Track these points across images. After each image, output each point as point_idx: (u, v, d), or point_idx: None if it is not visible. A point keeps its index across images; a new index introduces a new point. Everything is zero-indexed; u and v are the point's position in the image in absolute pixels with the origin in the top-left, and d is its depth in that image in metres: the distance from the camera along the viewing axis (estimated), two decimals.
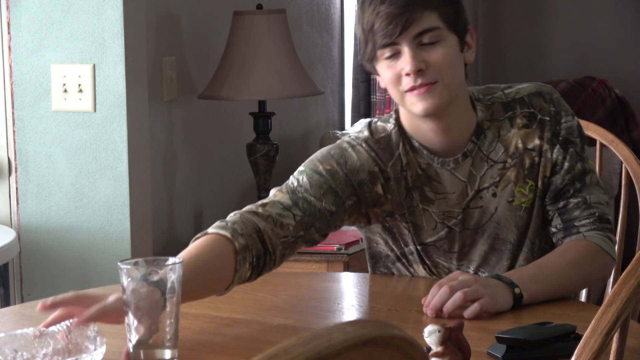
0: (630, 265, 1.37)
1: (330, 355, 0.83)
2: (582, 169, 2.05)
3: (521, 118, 2.06)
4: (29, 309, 1.98)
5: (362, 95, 4.92)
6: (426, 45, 1.95)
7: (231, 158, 3.80)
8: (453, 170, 2.05)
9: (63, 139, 3.01)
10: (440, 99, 1.95)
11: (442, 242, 2.07)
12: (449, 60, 1.96)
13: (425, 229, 2.07)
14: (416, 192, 2.06)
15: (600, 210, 2.04)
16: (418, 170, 2.05)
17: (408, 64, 1.94)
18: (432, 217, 2.06)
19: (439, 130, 2.02)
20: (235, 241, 1.84)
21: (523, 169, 2.05)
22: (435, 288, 1.83)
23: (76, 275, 3.03)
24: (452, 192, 2.05)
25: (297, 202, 1.97)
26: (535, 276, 1.90)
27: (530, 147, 2.05)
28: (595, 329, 1.32)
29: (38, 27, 3.00)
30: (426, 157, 2.05)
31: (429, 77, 1.94)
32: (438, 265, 2.09)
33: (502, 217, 2.05)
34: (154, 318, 1.57)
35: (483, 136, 2.05)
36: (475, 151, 2.05)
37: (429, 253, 2.08)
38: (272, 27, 3.47)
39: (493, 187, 2.05)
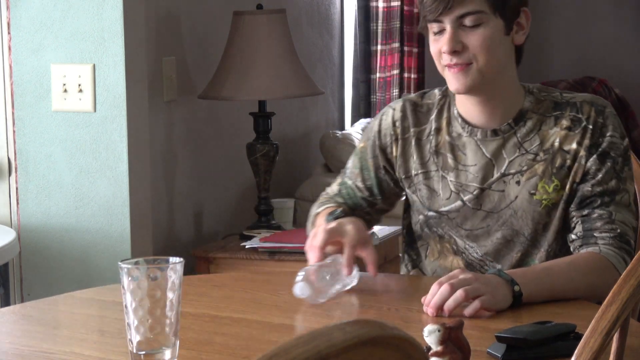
0: (630, 265, 1.37)
1: (330, 355, 0.84)
2: (616, 187, 2.06)
3: (567, 120, 2.09)
4: (29, 309, 1.98)
5: (362, 95, 4.92)
6: (468, 27, 2.03)
7: (231, 158, 3.80)
8: (479, 142, 2.11)
9: (63, 139, 3.01)
10: (473, 80, 2.04)
11: (454, 214, 2.12)
12: (487, 44, 2.03)
13: (440, 197, 2.13)
14: (438, 158, 2.14)
15: (622, 229, 2.04)
16: (446, 137, 2.14)
17: (446, 43, 2.03)
18: (448, 186, 2.12)
19: (476, 103, 2.10)
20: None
21: (552, 167, 2.07)
22: (435, 286, 1.83)
23: (76, 275, 3.04)
24: (474, 165, 2.11)
25: (341, 190, 2.26)
26: (539, 278, 1.90)
27: (566, 149, 2.08)
28: (595, 329, 1.33)
29: (38, 27, 3.00)
30: (459, 127, 2.13)
31: (464, 59, 2.03)
32: (451, 239, 2.13)
33: (520, 207, 2.08)
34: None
35: (522, 123, 2.10)
36: (508, 134, 2.10)
37: (442, 223, 2.14)
38: (272, 27, 3.48)
39: (519, 174, 2.08)
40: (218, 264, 3.35)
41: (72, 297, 2.05)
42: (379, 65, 5.01)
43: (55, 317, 1.95)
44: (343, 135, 4.35)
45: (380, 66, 5.01)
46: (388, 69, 5.05)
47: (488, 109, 2.10)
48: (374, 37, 4.98)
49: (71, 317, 1.95)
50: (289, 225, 3.70)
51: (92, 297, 2.05)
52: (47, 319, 1.93)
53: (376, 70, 5.00)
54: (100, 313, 1.98)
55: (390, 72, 5.07)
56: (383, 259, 3.45)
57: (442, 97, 2.18)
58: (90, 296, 2.05)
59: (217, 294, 2.02)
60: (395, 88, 5.11)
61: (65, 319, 1.95)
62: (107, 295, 2.04)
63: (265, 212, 3.57)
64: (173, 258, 1.60)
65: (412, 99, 2.20)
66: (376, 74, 5.00)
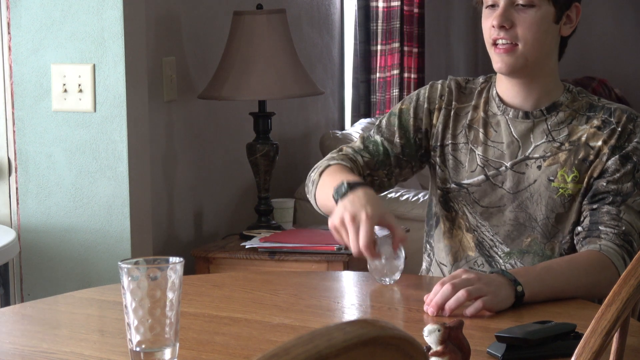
0: (630, 265, 1.37)
1: (330, 355, 0.84)
2: (631, 190, 2.10)
3: (598, 120, 2.15)
4: (29, 309, 1.99)
5: (362, 95, 4.92)
6: (520, 7, 2.11)
7: (231, 158, 3.80)
8: (509, 121, 2.17)
9: (63, 139, 3.01)
10: (516, 61, 2.12)
11: (475, 188, 2.17)
12: (535, 27, 2.11)
13: (466, 169, 2.19)
14: (470, 132, 2.21)
15: (627, 228, 2.06)
16: (481, 114, 2.21)
17: (496, 18, 2.11)
18: (475, 159, 2.18)
19: (515, 84, 2.18)
20: (354, 171, 2.18)
21: (575, 158, 2.13)
22: (437, 286, 1.84)
23: (76, 275, 3.04)
24: (502, 142, 2.17)
25: (368, 146, 2.25)
26: (540, 276, 1.91)
27: (591, 145, 2.13)
28: (595, 329, 1.33)
29: (38, 27, 3.00)
30: (495, 106, 2.20)
31: (510, 37, 2.11)
32: (464, 215, 2.18)
33: (536, 190, 2.13)
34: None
35: (555, 113, 2.17)
36: (539, 120, 2.17)
37: (460, 197, 2.18)
38: (272, 27, 3.47)
39: (541, 159, 2.14)
40: (218, 264, 3.35)
41: (72, 297, 2.05)
42: (379, 65, 5.01)
43: (55, 317, 1.95)
44: (343, 135, 4.35)
45: (380, 66, 5.01)
46: (388, 69, 5.05)
47: (524, 91, 2.17)
48: (374, 37, 4.98)
49: (71, 317, 1.95)
50: (289, 225, 3.70)
51: (92, 297, 2.05)
52: (47, 319, 1.93)
53: (376, 70, 5.00)
54: (100, 313, 1.98)
55: (390, 72, 5.06)
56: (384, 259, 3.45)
57: (485, 81, 2.26)
58: (90, 296, 2.05)
59: (217, 294, 2.02)
60: (395, 88, 5.11)
61: (65, 319, 1.95)
62: (107, 295, 2.04)
63: (265, 212, 3.57)
64: (173, 258, 1.60)
65: (458, 80, 2.28)
66: (376, 74, 5.00)
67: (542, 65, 2.16)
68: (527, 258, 2.12)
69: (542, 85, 2.18)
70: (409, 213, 3.77)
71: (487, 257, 2.15)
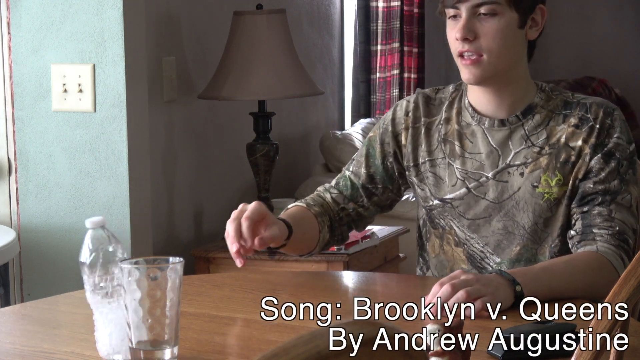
0: (630, 265, 1.37)
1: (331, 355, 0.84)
2: (619, 188, 2.07)
3: (575, 118, 2.12)
4: (29, 309, 1.98)
5: (362, 95, 4.92)
6: (482, 16, 2.07)
7: (231, 158, 3.80)
8: (486, 131, 2.14)
9: (63, 139, 3.01)
10: (484, 72, 2.08)
11: (458, 202, 2.14)
12: (500, 36, 2.07)
13: (446, 184, 2.15)
14: (446, 146, 2.17)
15: (621, 227, 2.05)
16: (455, 126, 2.17)
17: (459, 30, 2.07)
18: (454, 173, 2.15)
19: (487, 92, 2.14)
20: (311, 209, 2.17)
21: (556, 161, 2.10)
22: (436, 287, 1.83)
23: (76, 275, 3.02)
24: (480, 153, 2.14)
25: (339, 182, 2.26)
26: (539, 277, 1.91)
27: (571, 146, 2.10)
28: (595, 329, 1.32)
29: (38, 27, 3.00)
30: (469, 116, 2.16)
31: (475, 48, 2.07)
32: (451, 230, 2.14)
33: (522, 198, 2.10)
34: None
35: (531, 117, 2.13)
36: (516, 125, 2.13)
37: (445, 212, 2.15)
38: (272, 27, 3.47)
39: (523, 166, 2.11)
40: (218, 264, 3.35)
41: (72, 297, 2.05)
42: (379, 65, 5.00)
43: (55, 317, 1.95)
44: (343, 135, 4.35)
45: (380, 66, 5.01)
46: (388, 69, 5.05)
47: (497, 99, 2.13)
48: (374, 37, 4.98)
49: (71, 317, 1.95)
50: None
51: None
52: (47, 319, 1.93)
53: (376, 70, 5.00)
54: None
55: (390, 72, 5.06)
56: (383, 259, 3.46)
57: (455, 90, 2.21)
58: None
59: (217, 294, 2.02)
60: (395, 88, 5.10)
61: (65, 319, 1.95)
62: None
63: None
64: (173, 258, 1.60)
65: (426, 92, 2.24)
66: (376, 74, 5.00)
67: (511, 71, 2.12)
68: (518, 267, 2.10)
69: (515, 91, 2.14)
70: (408, 213, 3.77)
71: (480, 269, 2.14)
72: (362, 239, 3.29)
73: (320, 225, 2.16)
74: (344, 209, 2.22)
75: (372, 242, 3.32)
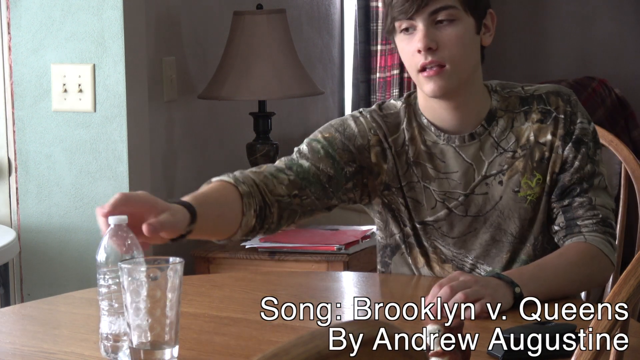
0: (630, 266, 1.37)
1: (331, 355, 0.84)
2: (592, 170, 2.06)
3: (537, 113, 2.08)
4: (29, 309, 1.98)
5: (362, 95, 4.92)
6: (440, 24, 1.99)
7: (231, 158, 3.80)
8: (458, 149, 2.07)
9: (63, 139, 3.01)
10: (449, 82, 1.99)
11: (441, 223, 2.08)
12: (462, 41, 2.00)
13: (425, 207, 2.08)
14: (418, 169, 2.08)
15: (604, 213, 2.04)
16: (422, 147, 2.08)
17: (420, 41, 1.98)
18: (432, 196, 2.08)
19: (449, 108, 2.05)
20: (239, 187, 1.91)
21: (532, 161, 2.07)
22: (435, 288, 1.83)
23: (76, 275, 3.03)
24: (456, 171, 2.07)
25: (292, 166, 2.02)
26: (534, 276, 1.91)
27: (542, 142, 2.07)
28: (595, 329, 1.32)
29: (38, 27, 3.00)
30: (433, 135, 2.08)
31: (439, 57, 1.98)
32: (436, 249, 2.09)
33: (506, 206, 2.07)
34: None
35: (495, 123, 2.08)
36: (484, 136, 2.07)
37: (428, 234, 2.09)
38: (272, 27, 3.47)
39: (500, 174, 2.07)
40: (218, 264, 3.35)
41: (72, 297, 2.05)
42: (379, 65, 5.00)
43: (55, 317, 1.95)
44: None
45: (380, 66, 5.01)
46: (388, 69, 5.05)
47: (460, 113, 2.06)
48: (374, 37, 4.97)
49: (71, 317, 1.95)
50: None
51: (92, 297, 2.04)
52: (47, 319, 1.93)
53: (376, 70, 5.00)
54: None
55: (390, 72, 5.06)
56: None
57: (406, 105, 2.11)
58: (90, 296, 2.05)
59: (217, 294, 2.02)
60: (395, 88, 5.10)
61: (65, 319, 1.95)
62: None
63: None
64: (173, 258, 1.60)
65: (375, 110, 2.11)
66: (376, 74, 5.00)
67: (472, 80, 2.05)
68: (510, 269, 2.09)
69: (475, 100, 2.06)
70: None
71: None
72: (362, 239, 3.30)
73: (244, 207, 1.90)
74: (299, 195, 2.00)
75: (372, 242, 3.32)
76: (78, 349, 1.70)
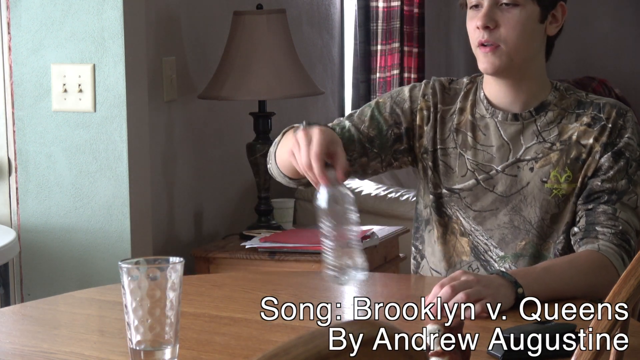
0: (630, 265, 1.37)
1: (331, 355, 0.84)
2: (626, 187, 2.08)
3: (588, 117, 2.13)
4: (29, 309, 1.99)
5: (362, 95, 4.92)
6: (504, 6, 2.09)
7: (231, 158, 3.80)
8: (499, 124, 2.15)
9: (63, 139, 3.01)
10: (501, 62, 2.09)
11: (466, 193, 2.15)
12: (520, 27, 2.08)
13: (456, 174, 2.16)
14: (458, 136, 2.17)
15: (625, 227, 2.05)
16: (469, 117, 2.18)
17: (480, 19, 2.09)
18: (465, 164, 2.15)
19: (503, 85, 2.15)
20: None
21: (567, 157, 2.11)
22: (437, 288, 1.83)
23: (76, 275, 3.03)
24: (492, 145, 2.14)
25: (335, 127, 2.15)
26: (540, 277, 1.90)
27: (583, 143, 2.11)
28: (595, 329, 1.32)
29: (38, 27, 3.00)
30: (483, 108, 2.17)
31: (494, 38, 2.08)
32: (458, 220, 2.15)
33: (530, 193, 2.11)
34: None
35: (544, 114, 2.14)
36: (528, 121, 2.14)
37: (452, 202, 2.15)
38: (272, 27, 3.47)
39: (533, 161, 2.12)
40: (218, 264, 3.35)
41: (72, 297, 2.05)
42: (379, 65, 5.01)
43: (55, 317, 1.95)
44: None
45: (380, 66, 5.01)
46: (388, 69, 5.05)
47: (512, 93, 2.14)
48: (374, 37, 4.98)
49: (71, 317, 1.95)
50: (289, 225, 3.70)
51: (92, 297, 2.05)
52: (47, 319, 1.93)
53: (376, 70, 5.00)
54: (100, 313, 1.98)
55: (390, 72, 5.06)
56: (383, 259, 3.45)
57: (470, 82, 2.22)
58: (90, 296, 2.05)
59: (217, 294, 2.02)
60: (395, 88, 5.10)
61: (65, 319, 1.95)
62: (107, 295, 2.04)
63: (265, 212, 3.57)
64: (173, 258, 1.60)
65: (442, 80, 2.25)
66: (376, 74, 5.00)
67: (528, 65, 2.13)
68: (522, 262, 2.10)
69: (530, 86, 2.16)
70: (408, 213, 3.76)
71: (483, 262, 2.13)
72: (362, 239, 3.30)
73: None
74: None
75: (372, 242, 3.32)
76: (78, 349, 1.70)
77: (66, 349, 1.70)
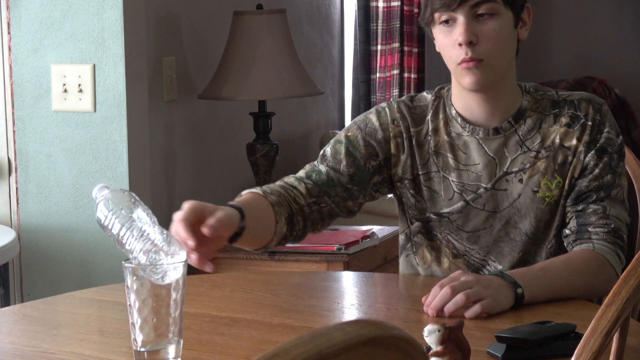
0: (630, 265, 1.37)
1: (330, 355, 0.84)
2: (612, 181, 2.06)
3: (566, 117, 2.09)
4: (29, 309, 1.99)
5: (362, 95, 4.92)
6: (481, 17, 2.00)
7: (231, 158, 3.80)
8: (482, 141, 2.08)
9: (63, 139, 3.01)
10: (487, 76, 2.01)
11: (456, 215, 2.09)
12: (501, 36, 2.01)
13: (442, 197, 2.09)
14: (438, 159, 2.10)
15: (616, 224, 2.04)
16: (445, 137, 2.10)
17: (461, 34, 1.99)
18: (450, 186, 2.09)
19: (480, 100, 2.07)
20: (268, 197, 1.97)
21: (554, 163, 2.07)
22: (436, 288, 1.83)
23: (76, 275, 3.03)
24: (477, 164, 2.08)
25: (311, 175, 2.09)
26: (538, 278, 1.90)
27: (567, 146, 2.08)
28: (595, 329, 1.33)
29: (38, 27, 3.00)
30: (458, 126, 2.10)
31: (479, 52, 1.99)
32: (449, 243, 2.10)
33: (523, 204, 2.07)
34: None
35: (523, 122, 2.09)
36: (509, 132, 2.08)
37: (442, 226, 2.10)
38: (272, 27, 3.48)
39: (521, 172, 2.07)
40: (218, 264, 3.35)
41: (72, 297, 2.05)
42: (379, 65, 5.01)
43: (55, 317, 1.95)
44: None
45: (380, 66, 5.01)
46: (388, 69, 5.05)
47: (490, 106, 2.07)
48: (374, 37, 4.98)
49: (71, 317, 1.95)
50: None
51: (92, 297, 2.05)
52: (47, 319, 1.93)
53: (376, 70, 5.00)
54: (100, 313, 1.98)
55: (390, 72, 5.06)
56: (383, 259, 3.45)
57: (436, 98, 2.14)
58: (90, 296, 2.05)
59: (217, 294, 2.02)
60: (395, 88, 5.10)
61: (65, 319, 1.95)
62: (107, 295, 2.04)
63: None
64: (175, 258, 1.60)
65: (404, 101, 2.14)
66: (376, 74, 5.00)
67: (506, 75, 2.07)
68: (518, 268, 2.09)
69: (506, 96, 2.08)
70: None
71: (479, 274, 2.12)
72: (362, 239, 3.30)
73: (277, 216, 1.96)
74: (317, 202, 2.05)
75: (372, 242, 3.32)
76: (78, 349, 1.70)
77: (66, 349, 1.70)
